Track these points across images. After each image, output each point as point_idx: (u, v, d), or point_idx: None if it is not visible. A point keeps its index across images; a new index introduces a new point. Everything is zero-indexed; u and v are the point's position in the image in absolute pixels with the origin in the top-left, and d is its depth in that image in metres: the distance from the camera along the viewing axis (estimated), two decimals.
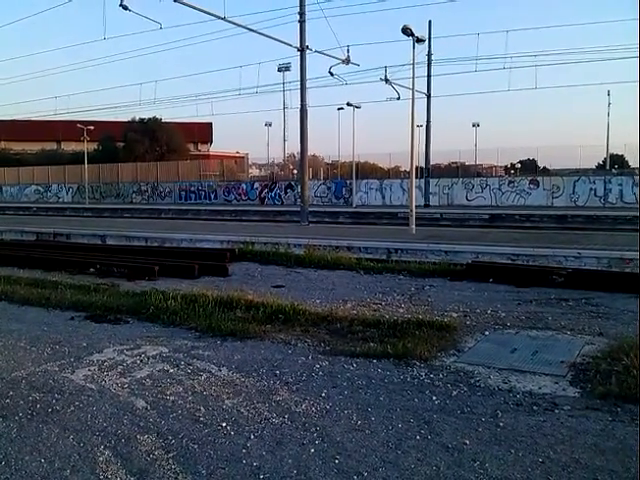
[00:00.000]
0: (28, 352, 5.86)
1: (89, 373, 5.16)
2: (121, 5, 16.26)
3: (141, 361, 5.50)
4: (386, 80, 24.21)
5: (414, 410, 4.27)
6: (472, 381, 4.88)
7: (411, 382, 4.88)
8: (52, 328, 6.82)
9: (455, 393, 4.60)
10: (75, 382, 4.93)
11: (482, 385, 4.79)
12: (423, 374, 5.05)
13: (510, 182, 34.27)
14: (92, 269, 11.24)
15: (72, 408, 4.36)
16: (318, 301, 8.07)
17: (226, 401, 4.48)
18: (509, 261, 11.79)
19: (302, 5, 20.42)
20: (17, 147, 68.52)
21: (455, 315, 7.16)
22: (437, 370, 5.14)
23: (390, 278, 9.99)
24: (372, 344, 5.84)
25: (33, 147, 66.70)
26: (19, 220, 24.60)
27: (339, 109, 44.14)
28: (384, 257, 12.82)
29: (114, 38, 21.88)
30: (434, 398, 4.50)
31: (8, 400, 4.54)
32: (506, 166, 47.52)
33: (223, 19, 18.66)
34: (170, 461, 3.51)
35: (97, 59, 67.44)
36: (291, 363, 5.39)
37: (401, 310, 7.51)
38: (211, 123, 69.47)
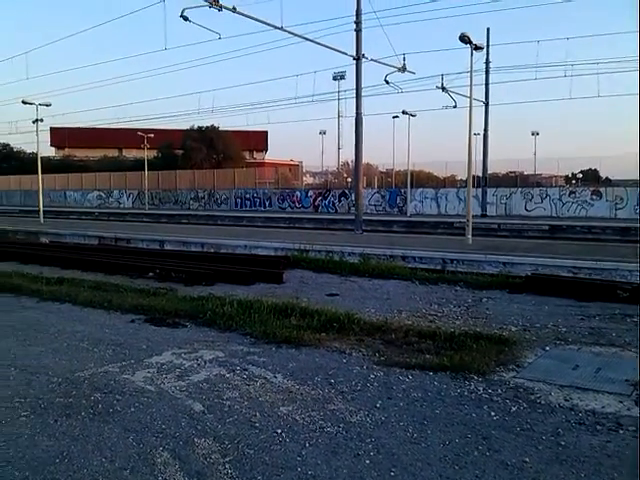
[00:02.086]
0: (91, 353, 6.05)
1: (148, 375, 5.28)
2: (181, 16, 16.67)
3: (198, 365, 5.60)
4: (443, 88, 23.96)
5: (472, 425, 4.18)
6: (532, 397, 4.74)
7: (468, 396, 4.77)
8: (113, 330, 7.02)
9: (514, 409, 4.48)
10: (135, 384, 5.05)
11: (542, 402, 4.64)
12: (481, 389, 4.94)
13: (571, 192, 33.27)
14: (151, 273, 11.53)
15: (132, 409, 4.46)
16: (373, 310, 8.02)
17: (281, 408, 4.50)
18: (570, 274, 11.42)
19: (358, 14, 20.48)
20: (80, 154, 71.28)
21: (514, 329, 6.98)
22: (495, 385, 5.02)
23: (446, 289, 9.85)
24: (428, 356, 5.76)
25: (96, 154, 69.22)
26: (82, 225, 25.53)
27: (394, 117, 43.98)
28: (439, 267, 12.65)
29: (174, 48, 22.48)
30: (492, 414, 4.39)
31: (71, 399, 4.69)
32: (567, 176, 46.14)
33: (280, 29, 18.91)
34: (227, 465, 3.55)
35: (158, 69, 69.55)
36: (346, 372, 5.36)
37: (458, 322, 7.39)
38: (266, 131, 70.57)
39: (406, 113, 33.78)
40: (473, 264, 12.84)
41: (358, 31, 20.52)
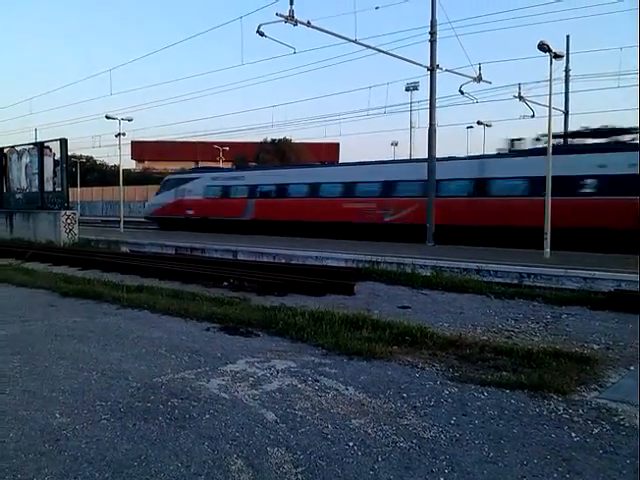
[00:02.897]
0: (168, 359, 6.23)
1: (223, 383, 5.38)
2: (258, 32, 17.08)
3: (271, 374, 5.65)
4: (520, 97, 23.36)
5: (551, 446, 4.00)
6: (615, 419, 4.49)
7: (547, 416, 4.58)
8: (189, 337, 7.21)
9: (596, 431, 4.26)
10: (210, 391, 5.15)
11: (627, 424, 4.39)
12: (561, 408, 4.73)
13: None
14: (225, 283, 11.78)
15: (207, 416, 4.55)
16: (446, 325, 7.87)
17: (353, 420, 4.47)
18: None
19: (433, 25, 20.30)
20: (159, 166, 74.10)
21: (596, 347, 6.67)
22: (576, 405, 4.80)
23: (523, 304, 9.53)
24: (504, 373, 5.58)
25: (174, 166, 71.67)
26: (160, 234, 26.44)
27: (468, 128, 43.30)
28: (515, 281, 12.26)
29: (250, 63, 23.05)
30: (573, 435, 4.19)
31: (149, 404, 4.83)
32: None
33: (354, 41, 19.03)
34: (299, 476, 3.55)
35: (234, 83, 71.65)
36: (418, 387, 5.27)
37: (536, 339, 7.13)
38: (338, 143, 70.99)
39: (481, 123, 33.22)
40: (551, 279, 12.36)
41: (432, 41, 20.35)
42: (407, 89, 48.70)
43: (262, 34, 17.09)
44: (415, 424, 4.39)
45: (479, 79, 21.82)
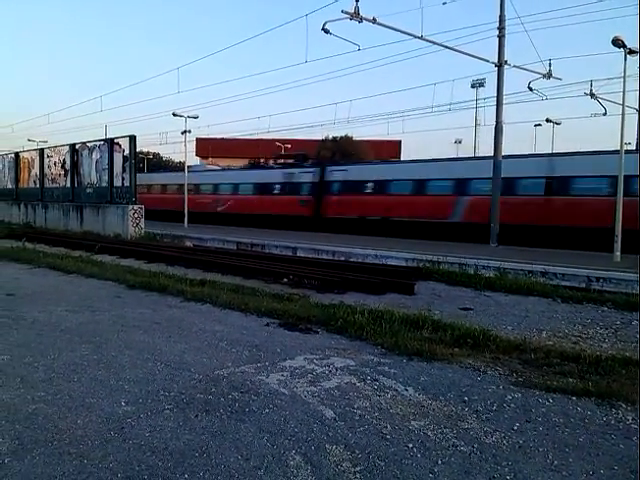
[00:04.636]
0: (228, 353, 6.32)
1: (282, 378, 5.41)
2: (323, 29, 17.11)
3: (329, 372, 5.65)
4: (591, 95, 22.47)
5: (619, 456, 3.83)
6: None
7: (616, 425, 4.39)
8: (250, 332, 7.30)
9: None
10: (269, 385, 5.20)
11: None
12: (630, 418, 4.53)
13: None
14: (285, 279, 11.87)
15: (267, 410, 4.59)
16: (509, 328, 7.66)
17: (412, 422, 4.41)
18: None
19: (502, 20, 19.81)
20: (223, 163, 75.35)
21: None
22: None
23: (591, 309, 9.17)
24: (571, 379, 5.38)
25: (237, 163, 72.81)
26: (223, 230, 26.89)
27: (536, 125, 42.09)
28: (583, 285, 11.82)
29: (314, 61, 23.13)
30: None
31: (211, 396, 4.92)
32: None
33: (420, 38, 18.79)
34: (357, 475, 3.53)
35: (297, 81, 71.99)
36: (480, 391, 5.16)
37: (604, 345, 6.85)
38: (400, 140, 70.30)
39: (550, 121, 32.22)
40: (621, 283, 11.86)
41: (501, 37, 19.86)
42: (473, 86, 47.81)
43: (327, 31, 17.10)
44: (476, 428, 4.30)
45: (549, 75, 21.15)
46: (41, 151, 32.00)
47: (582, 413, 4.65)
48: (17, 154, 34.90)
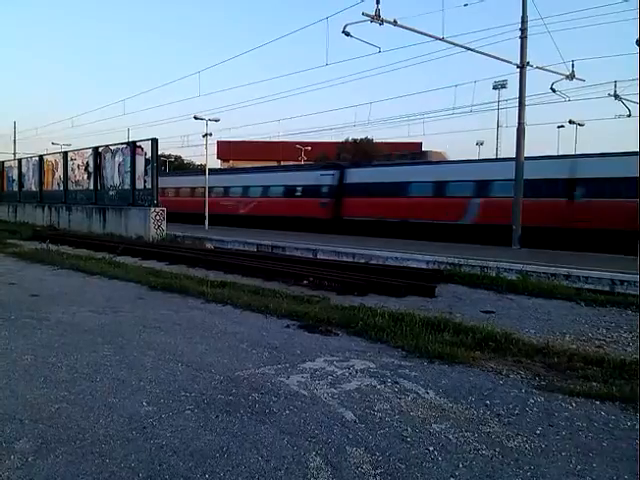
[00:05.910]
0: (249, 354, 6.34)
1: (302, 380, 5.41)
2: (343, 32, 17.11)
3: (349, 374, 5.63)
4: (615, 96, 22.18)
5: None
6: None
7: None
8: (270, 334, 7.31)
9: None
10: (290, 387, 5.20)
11: None
12: None
13: None
14: (305, 281, 11.88)
15: (287, 412, 4.59)
16: (532, 331, 7.57)
17: (433, 425, 4.38)
18: None
19: (524, 21, 19.62)
20: (243, 166, 75.87)
21: None
22: None
23: (616, 312, 9.03)
24: (594, 384, 5.30)
25: (257, 165, 73.32)
26: (243, 232, 27.00)
27: (559, 127, 41.63)
28: (607, 289, 11.65)
29: (335, 64, 23.14)
30: None
31: (232, 397, 4.93)
32: None
33: (442, 39, 18.71)
34: (378, 477, 3.51)
35: (317, 83, 72.09)
36: (502, 394, 5.10)
37: (629, 349, 6.74)
38: (420, 142, 70.02)
39: (573, 123, 31.82)
40: None
41: (523, 38, 19.68)
42: (495, 87, 47.57)
43: (348, 34, 17.11)
44: (498, 432, 4.25)
45: (572, 76, 20.91)
46: (65, 154, 32.43)
47: (606, 418, 4.58)
48: (41, 157, 35.38)
